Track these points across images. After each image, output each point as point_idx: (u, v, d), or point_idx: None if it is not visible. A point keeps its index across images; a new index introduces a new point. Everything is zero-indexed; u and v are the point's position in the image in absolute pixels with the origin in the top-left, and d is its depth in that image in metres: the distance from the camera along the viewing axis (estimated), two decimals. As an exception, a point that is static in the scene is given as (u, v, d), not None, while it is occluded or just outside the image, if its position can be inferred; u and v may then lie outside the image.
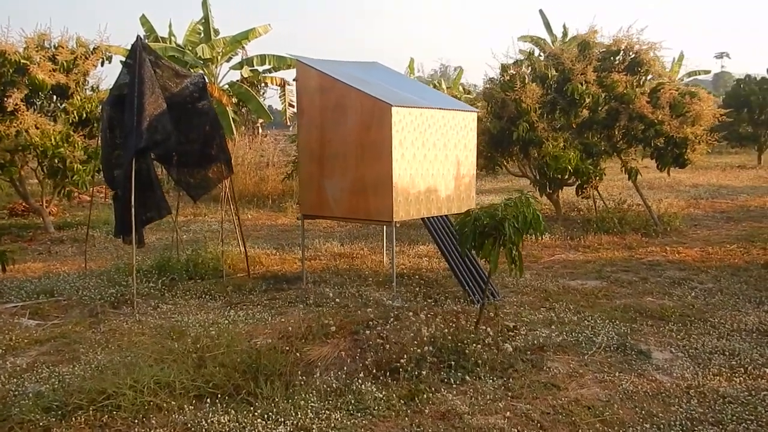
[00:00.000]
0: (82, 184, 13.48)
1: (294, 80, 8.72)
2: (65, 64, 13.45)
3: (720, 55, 79.92)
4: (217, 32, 24.18)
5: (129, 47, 21.56)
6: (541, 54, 14.95)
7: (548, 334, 6.31)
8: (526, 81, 12.37)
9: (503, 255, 6.00)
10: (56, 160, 12.92)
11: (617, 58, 12.67)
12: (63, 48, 13.60)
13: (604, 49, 12.78)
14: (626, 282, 8.72)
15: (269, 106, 25.85)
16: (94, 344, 6.35)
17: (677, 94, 12.25)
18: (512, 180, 20.45)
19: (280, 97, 24.53)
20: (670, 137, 12.01)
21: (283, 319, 7.25)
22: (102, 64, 14.71)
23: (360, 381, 5.03)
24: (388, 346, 5.53)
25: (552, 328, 6.62)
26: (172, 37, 23.38)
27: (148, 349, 5.83)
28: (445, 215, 8.68)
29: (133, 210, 8.05)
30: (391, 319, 6.20)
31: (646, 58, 12.52)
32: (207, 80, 9.28)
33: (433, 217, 8.48)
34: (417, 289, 8.63)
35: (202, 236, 13.16)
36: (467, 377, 5.19)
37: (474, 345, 5.47)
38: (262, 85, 24.51)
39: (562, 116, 12.66)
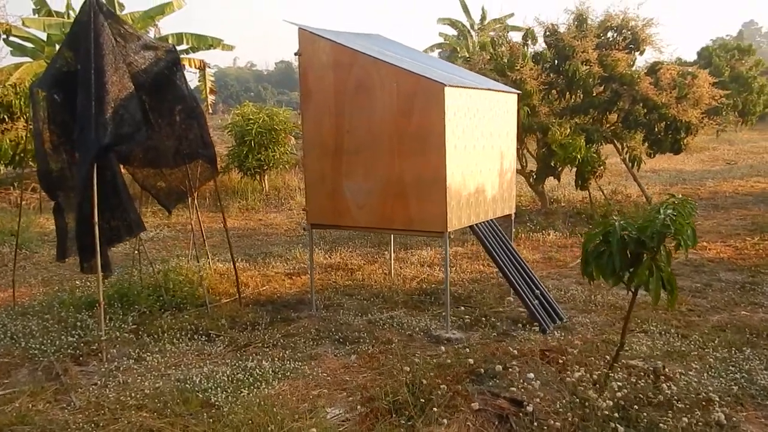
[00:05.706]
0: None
1: (296, 54, 6.84)
2: (-46, 37, 10.73)
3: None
4: (122, 6, 21.22)
5: (19, 23, 18.54)
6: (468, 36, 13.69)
7: (698, 379, 4.94)
8: (527, 60, 10.96)
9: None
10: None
11: (612, 34, 11.62)
12: (-50, 17, 10.85)
13: (596, 26, 11.68)
14: (693, 290, 7.59)
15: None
16: (79, 434, 4.31)
17: (676, 75, 11.38)
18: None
19: (199, 81, 21.86)
20: (673, 121, 11.11)
21: (320, 367, 5.50)
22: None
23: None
24: (528, 417, 3.95)
25: (683, 363, 5.28)
26: (70, 11, 20.16)
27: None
28: (492, 219, 7.16)
29: (96, 227, 5.99)
30: (507, 369, 4.62)
31: (642, 36, 11.54)
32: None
33: (481, 223, 6.94)
34: (458, 310, 7.10)
35: (157, 247, 10.88)
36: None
37: (675, 415, 3.98)
38: (178, 67, 21.75)
39: (559, 99, 11.46)
